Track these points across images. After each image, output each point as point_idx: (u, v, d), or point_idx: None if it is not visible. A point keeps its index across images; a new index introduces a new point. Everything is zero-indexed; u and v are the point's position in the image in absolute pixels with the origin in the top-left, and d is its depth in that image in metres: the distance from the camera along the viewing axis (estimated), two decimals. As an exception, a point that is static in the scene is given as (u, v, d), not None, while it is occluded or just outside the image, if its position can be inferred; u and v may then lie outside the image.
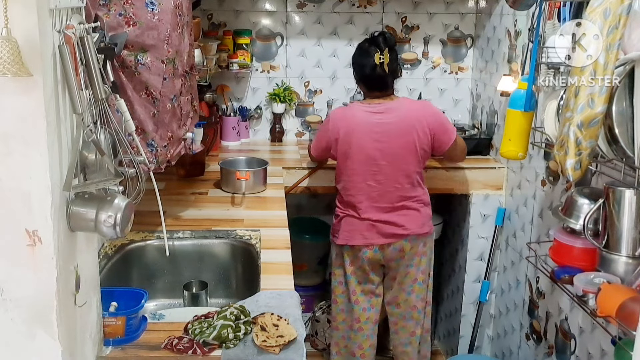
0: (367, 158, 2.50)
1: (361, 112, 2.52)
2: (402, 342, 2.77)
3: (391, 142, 2.49)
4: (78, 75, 1.22)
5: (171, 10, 1.81)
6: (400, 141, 2.49)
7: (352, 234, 2.60)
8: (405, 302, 2.70)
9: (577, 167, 1.71)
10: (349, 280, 2.67)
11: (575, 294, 1.84)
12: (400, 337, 2.77)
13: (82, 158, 1.30)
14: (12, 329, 1.21)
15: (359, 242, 2.60)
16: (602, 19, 1.59)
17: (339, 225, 2.65)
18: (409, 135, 2.49)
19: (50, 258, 1.18)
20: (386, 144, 2.49)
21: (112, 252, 2.08)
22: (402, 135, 2.49)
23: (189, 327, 1.56)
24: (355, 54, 2.58)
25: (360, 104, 2.58)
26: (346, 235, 2.62)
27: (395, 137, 2.49)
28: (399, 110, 2.51)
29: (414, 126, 2.49)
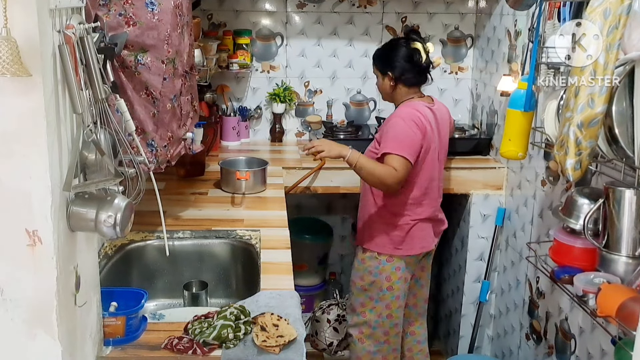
0: (435, 155, 2.48)
1: (427, 109, 2.45)
2: (419, 341, 2.78)
3: (444, 139, 2.55)
4: (78, 75, 1.22)
5: (171, 10, 1.81)
6: (446, 135, 2.58)
7: (426, 240, 2.55)
8: (422, 299, 2.75)
9: (577, 167, 1.71)
10: (406, 290, 2.60)
11: (575, 294, 1.84)
12: (417, 336, 2.78)
13: (82, 158, 1.30)
14: (12, 329, 1.21)
15: (431, 246, 2.61)
16: (602, 19, 1.59)
17: (407, 235, 2.50)
18: (448, 130, 2.60)
19: (50, 258, 1.18)
20: (442, 139, 2.53)
21: (112, 252, 2.08)
22: (445, 131, 2.56)
23: (189, 327, 1.56)
24: (390, 51, 2.47)
25: (419, 101, 2.46)
26: (419, 243, 2.53)
27: (445, 131, 2.55)
28: (440, 107, 2.55)
29: (448, 121, 2.59)
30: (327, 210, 3.75)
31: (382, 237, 2.52)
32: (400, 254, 2.51)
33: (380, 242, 2.53)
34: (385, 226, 2.51)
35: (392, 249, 2.51)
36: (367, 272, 2.57)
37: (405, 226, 2.50)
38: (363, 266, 2.58)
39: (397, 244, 2.51)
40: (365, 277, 2.57)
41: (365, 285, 2.58)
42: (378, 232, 2.53)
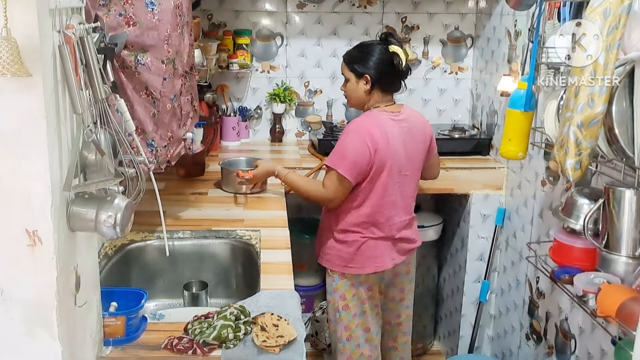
0: (398, 170, 2.29)
1: (390, 121, 2.28)
2: (403, 357, 2.67)
3: (412, 152, 2.34)
4: (78, 75, 1.22)
5: (171, 11, 1.81)
6: (418, 149, 2.37)
7: (383, 259, 2.36)
8: (407, 318, 2.60)
9: (577, 167, 1.71)
10: (366, 309, 2.41)
11: (575, 294, 1.84)
12: (400, 353, 2.65)
13: (82, 158, 1.30)
14: (12, 329, 1.21)
15: (389, 265, 2.37)
16: (602, 19, 1.59)
17: (359, 252, 2.34)
18: (423, 143, 2.39)
19: (50, 258, 1.18)
20: (409, 153, 2.33)
21: (112, 252, 2.08)
22: (419, 143, 2.38)
23: (189, 327, 1.56)
24: (368, 54, 2.29)
25: (382, 112, 2.31)
26: (374, 261, 2.35)
27: (412, 145, 2.34)
28: (412, 117, 2.38)
29: (424, 133, 2.40)
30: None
31: (333, 254, 2.38)
32: (351, 272, 2.35)
33: (332, 259, 2.39)
34: (336, 243, 2.37)
35: (343, 267, 2.36)
36: (327, 291, 2.47)
37: (355, 244, 2.33)
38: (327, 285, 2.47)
39: (347, 261, 2.35)
40: (327, 296, 2.47)
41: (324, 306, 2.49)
42: (330, 248, 2.39)
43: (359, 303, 2.40)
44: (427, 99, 3.52)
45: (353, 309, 2.41)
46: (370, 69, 2.28)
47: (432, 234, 3.29)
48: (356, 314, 2.42)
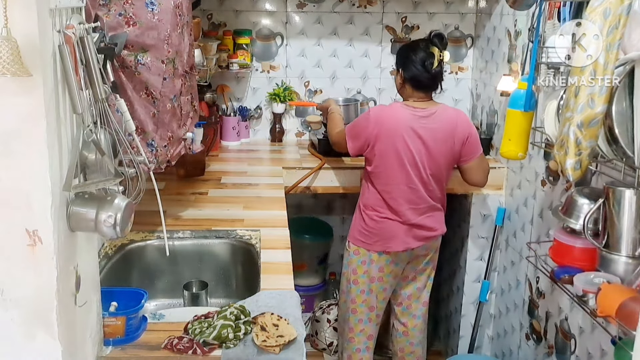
0: (409, 161, 2.44)
1: (405, 114, 2.44)
2: (412, 343, 2.76)
3: (432, 147, 2.45)
4: (78, 75, 1.22)
5: (171, 10, 1.81)
6: (440, 147, 2.46)
7: (393, 240, 2.52)
8: (417, 300, 2.72)
9: (577, 167, 1.71)
10: (375, 287, 2.58)
11: (575, 294, 1.84)
12: (410, 337, 2.76)
13: (82, 158, 1.30)
14: (12, 329, 1.21)
15: (400, 248, 2.53)
16: (602, 19, 1.59)
17: (374, 230, 2.53)
18: (449, 141, 2.47)
19: (50, 258, 1.18)
20: (428, 149, 2.44)
21: (112, 252, 2.08)
22: (443, 141, 2.46)
23: (189, 327, 1.56)
24: (408, 50, 2.49)
25: (404, 105, 2.48)
26: (385, 242, 2.52)
27: (437, 143, 2.45)
28: (441, 116, 2.47)
29: (453, 132, 2.47)
30: (327, 210, 3.75)
31: (353, 227, 2.62)
32: (364, 247, 2.55)
33: (351, 231, 2.63)
34: (358, 218, 2.60)
35: (358, 241, 2.58)
36: (343, 263, 2.68)
37: (371, 221, 2.54)
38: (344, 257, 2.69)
39: (362, 236, 2.57)
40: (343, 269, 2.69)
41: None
42: (353, 221, 2.64)
43: (367, 280, 2.58)
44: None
45: (361, 285, 2.59)
46: (405, 66, 2.49)
47: (432, 234, 3.29)
48: (364, 290, 2.60)
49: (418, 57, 2.45)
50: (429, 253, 2.66)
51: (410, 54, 2.48)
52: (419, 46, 2.48)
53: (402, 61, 2.51)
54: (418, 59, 2.45)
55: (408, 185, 2.48)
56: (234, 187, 2.74)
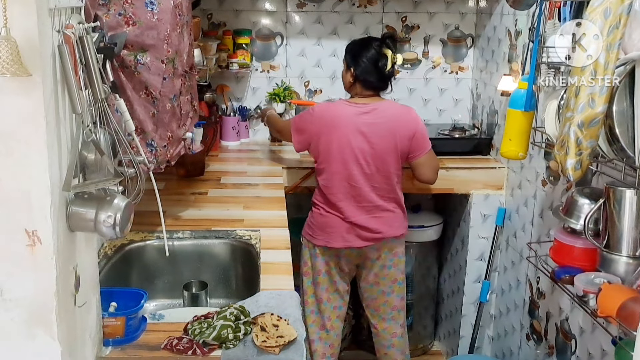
0: (350, 157, 2.48)
1: (348, 110, 2.50)
2: (384, 345, 2.77)
3: (375, 143, 2.48)
4: (77, 75, 1.22)
5: (171, 10, 1.81)
6: (383, 143, 2.49)
7: (333, 236, 2.56)
8: (385, 304, 2.71)
9: (578, 167, 1.71)
10: (322, 280, 2.64)
11: (576, 294, 1.84)
12: (382, 339, 2.77)
13: (82, 158, 1.30)
14: (12, 329, 1.21)
15: (340, 245, 2.56)
16: (603, 19, 1.59)
17: (317, 225, 2.59)
18: (392, 137, 2.49)
19: (49, 258, 1.18)
20: (370, 145, 2.48)
21: (111, 252, 2.08)
22: (386, 137, 2.49)
23: (189, 328, 1.56)
24: (361, 49, 2.50)
25: (347, 102, 2.54)
26: (327, 237, 2.57)
27: (380, 138, 2.48)
28: (385, 112, 2.51)
29: (397, 128, 2.50)
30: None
31: (306, 222, 2.68)
32: (307, 239, 2.63)
33: (304, 226, 2.68)
34: (310, 213, 2.66)
35: (305, 233, 2.65)
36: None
37: (316, 215, 2.60)
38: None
39: (309, 229, 2.63)
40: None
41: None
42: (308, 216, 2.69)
43: (314, 272, 2.65)
44: (427, 99, 3.52)
45: (310, 276, 2.68)
46: (356, 64, 2.50)
47: (433, 234, 3.30)
48: (312, 282, 2.67)
49: (371, 57, 2.47)
50: (382, 255, 2.62)
51: (363, 52, 2.49)
52: (372, 45, 2.49)
53: (354, 59, 2.51)
54: (371, 59, 2.47)
55: (349, 182, 2.50)
56: (233, 187, 2.74)
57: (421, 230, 3.25)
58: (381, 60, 2.47)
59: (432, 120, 3.52)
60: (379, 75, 2.49)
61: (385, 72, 2.48)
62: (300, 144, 2.60)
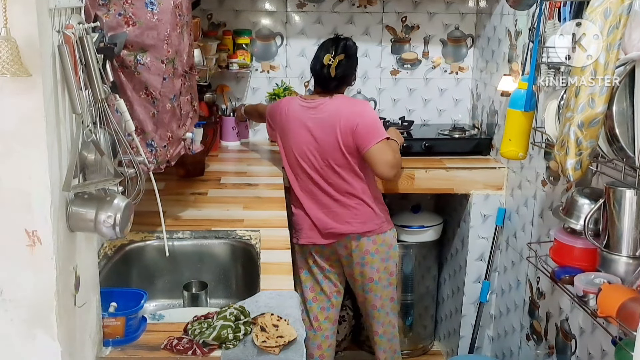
0: (300, 152, 2.58)
1: (297, 106, 2.61)
2: (371, 341, 2.87)
3: (319, 138, 2.54)
4: (77, 75, 1.22)
5: (171, 10, 1.81)
6: (326, 136, 2.53)
7: (301, 233, 2.67)
8: (365, 302, 2.75)
9: (578, 167, 1.71)
10: (304, 279, 2.73)
11: (576, 295, 1.84)
12: (368, 332, 2.89)
13: (82, 158, 1.30)
14: (11, 330, 1.21)
15: (305, 241, 2.67)
16: (603, 19, 1.59)
17: (293, 222, 2.68)
18: (333, 131, 2.51)
19: (49, 258, 1.18)
20: (314, 139, 2.55)
21: (111, 252, 2.08)
22: (328, 131, 2.53)
23: (189, 328, 1.56)
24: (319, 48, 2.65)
25: (299, 99, 2.66)
26: (297, 234, 2.67)
27: (322, 133, 2.53)
28: (328, 107, 2.55)
29: (337, 122, 2.51)
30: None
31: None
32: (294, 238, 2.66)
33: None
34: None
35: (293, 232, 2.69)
36: None
37: (294, 213, 2.69)
38: None
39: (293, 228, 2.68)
40: None
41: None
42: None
43: (296, 269, 2.64)
44: (427, 99, 3.52)
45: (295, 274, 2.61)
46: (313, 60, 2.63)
47: (432, 234, 3.29)
48: (299, 280, 2.71)
49: (316, 55, 2.62)
50: (351, 253, 2.62)
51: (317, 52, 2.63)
52: (322, 44, 2.65)
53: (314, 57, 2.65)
54: (315, 57, 2.61)
55: (306, 176, 2.59)
56: (233, 187, 2.74)
57: (421, 231, 3.25)
58: (319, 59, 2.58)
59: (432, 120, 3.52)
60: (318, 72, 2.59)
61: (322, 71, 2.56)
62: (269, 127, 2.78)
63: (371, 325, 2.79)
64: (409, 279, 3.31)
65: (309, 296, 2.73)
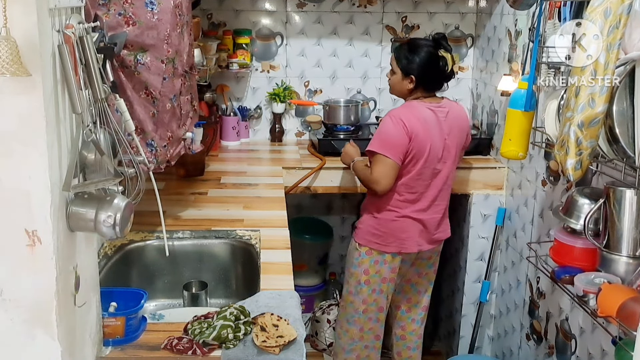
0: (435, 158, 2.43)
1: (427, 110, 2.42)
2: (409, 347, 2.77)
3: (452, 141, 2.47)
4: (77, 75, 1.22)
5: (171, 10, 1.81)
6: (457, 140, 2.50)
7: (406, 241, 2.51)
8: (417, 305, 2.73)
9: (578, 167, 1.71)
10: (385, 288, 2.58)
11: (576, 294, 1.84)
12: (407, 342, 2.77)
13: (82, 158, 1.30)
14: (12, 329, 1.21)
15: (414, 249, 2.54)
16: (603, 19, 1.59)
17: (386, 231, 2.50)
18: (463, 134, 2.53)
19: (49, 258, 1.18)
20: (449, 143, 2.46)
21: (111, 252, 2.08)
22: (459, 134, 2.51)
23: (189, 328, 1.56)
24: (424, 54, 2.41)
25: (423, 103, 2.44)
26: (398, 242, 2.51)
27: (455, 137, 2.48)
28: (452, 110, 2.49)
29: (463, 124, 2.53)
30: (327, 210, 3.75)
31: (364, 229, 2.56)
32: (377, 248, 2.52)
33: (362, 233, 2.56)
34: (370, 219, 2.54)
35: (371, 242, 2.53)
36: (349, 264, 2.62)
37: (386, 222, 2.50)
38: (349, 257, 2.64)
39: (375, 237, 2.52)
40: (349, 269, 2.63)
41: (348, 277, 2.63)
42: (363, 223, 2.57)
43: (379, 280, 2.55)
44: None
45: (373, 284, 2.56)
46: (416, 70, 2.42)
47: (432, 234, 3.29)
48: (375, 290, 2.57)
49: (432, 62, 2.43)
50: (432, 256, 2.68)
51: (421, 58, 2.43)
52: (426, 49, 2.44)
53: (412, 66, 2.44)
54: (433, 64, 2.43)
55: (430, 181, 2.49)
56: (233, 187, 2.74)
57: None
58: (441, 62, 2.42)
59: (432, 120, 3.52)
60: (441, 77, 2.46)
61: (447, 74, 2.45)
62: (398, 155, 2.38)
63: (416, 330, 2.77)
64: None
65: (385, 305, 2.61)
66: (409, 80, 2.44)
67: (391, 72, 2.51)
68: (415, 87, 2.44)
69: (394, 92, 2.55)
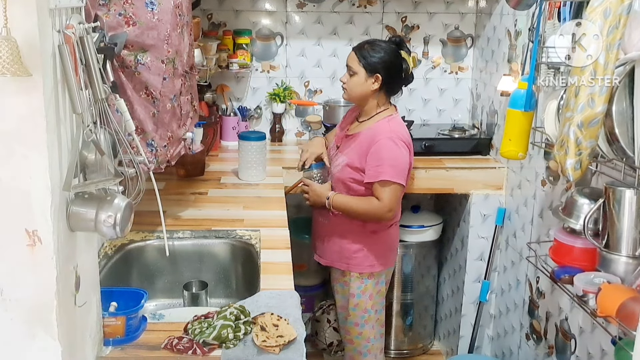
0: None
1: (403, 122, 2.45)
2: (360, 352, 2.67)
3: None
4: (78, 75, 1.22)
5: (171, 10, 1.81)
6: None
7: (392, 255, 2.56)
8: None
9: (577, 167, 1.71)
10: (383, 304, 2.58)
11: (576, 294, 1.84)
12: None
13: (82, 158, 1.30)
14: (12, 329, 1.21)
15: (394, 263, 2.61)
16: (602, 19, 1.59)
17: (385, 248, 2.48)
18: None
19: (50, 258, 1.18)
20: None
21: (112, 252, 2.08)
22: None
23: (189, 327, 1.56)
24: (387, 53, 2.29)
25: (397, 115, 2.39)
26: (394, 254, 2.57)
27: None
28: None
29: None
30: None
31: (361, 256, 2.43)
32: (379, 269, 2.46)
33: (361, 261, 2.44)
34: (366, 243, 2.42)
35: (371, 267, 2.44)
36: (350, 295, 2.48)
37: (384, 238, 2.46)
38: (347, 289, 2.49)
39: (377, 258, 2.43)
40: (350, 300, 2.49)
41: (350, 309, 2.49)
42: (358, 252, 2.43)
43: (380, 299, 2.52)
44: (427, 99, 3.52)
45: (377, 305, 2.52)
46: (382, 67, 2.28)
47: (432, 234, 3.30)
48: (378, 310, 2.52)
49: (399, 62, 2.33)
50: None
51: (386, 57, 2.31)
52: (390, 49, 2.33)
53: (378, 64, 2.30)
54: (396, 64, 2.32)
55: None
56: (233, 187, 2.74)
57: (421, 230, 3.25)
58: (404, 64, 2.33)
59: (432, 120, 3.52)
60: (403, 80, 2.37)
61: (409, 77, 2.37)
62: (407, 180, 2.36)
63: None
64: (408, 278, 3.31)
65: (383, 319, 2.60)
66: (373, 79, 2.28)
67: (349, 74, 2.33)
68: (379, 89, 2.31)
69: (353, 95, 2.36)
